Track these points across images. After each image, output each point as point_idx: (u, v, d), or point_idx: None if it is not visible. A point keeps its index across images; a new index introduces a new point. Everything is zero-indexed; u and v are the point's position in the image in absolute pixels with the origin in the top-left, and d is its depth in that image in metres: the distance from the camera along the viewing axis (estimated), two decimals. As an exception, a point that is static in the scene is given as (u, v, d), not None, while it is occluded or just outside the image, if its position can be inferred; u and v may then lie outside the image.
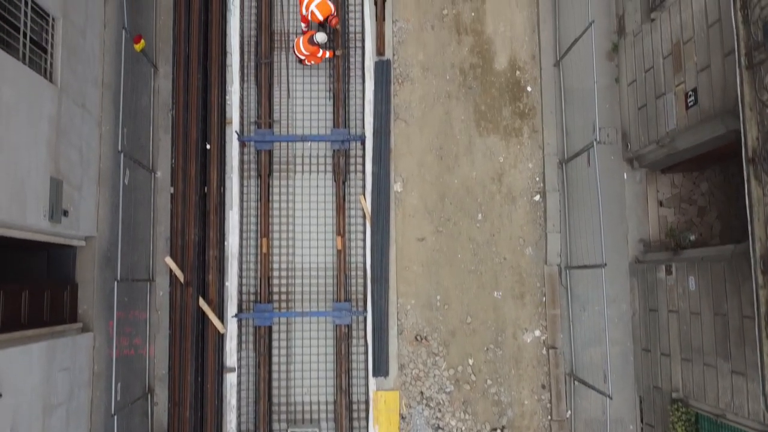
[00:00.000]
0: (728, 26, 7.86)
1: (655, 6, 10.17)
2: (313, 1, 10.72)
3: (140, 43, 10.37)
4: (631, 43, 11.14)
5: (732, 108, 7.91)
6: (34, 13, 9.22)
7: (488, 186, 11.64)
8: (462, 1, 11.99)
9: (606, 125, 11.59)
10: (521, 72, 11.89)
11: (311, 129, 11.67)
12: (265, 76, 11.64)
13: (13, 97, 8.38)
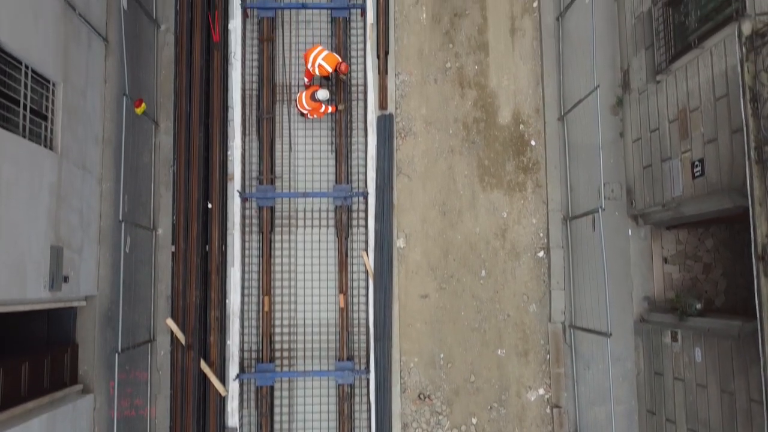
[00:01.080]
0: (736, 103, 7.78)
1: (661, 69, 10.07)
2: (320, 56, 10.63)
3: (141, 106, 10.30)
4: (636, 99, 11.05)
5: (740, 186, 7.81)
6: (34, 82, 9.15)
7: (492, 242, 11.55)
8: (465, 54, 11.89)
9: (611, 180, 11.50)
10: (525, 126, 11.81)
11: (313, 185, 11.59)
12: (266, 130, 11.56)
13: (14, 174, 8.32)
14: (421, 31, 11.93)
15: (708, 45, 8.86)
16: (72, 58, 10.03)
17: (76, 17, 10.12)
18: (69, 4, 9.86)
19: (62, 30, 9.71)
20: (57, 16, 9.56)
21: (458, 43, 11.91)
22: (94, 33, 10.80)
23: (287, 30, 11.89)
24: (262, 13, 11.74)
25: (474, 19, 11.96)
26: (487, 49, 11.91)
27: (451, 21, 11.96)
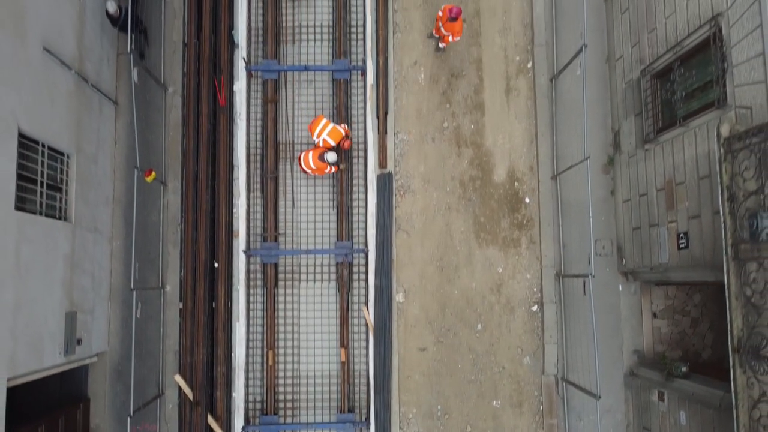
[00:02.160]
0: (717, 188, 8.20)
1: (649, 139, 10.51)
2: (325, 130, 11.07)
3: (151, 175, 10.73)
4: (626, 162, 11.48)
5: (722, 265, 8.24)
6: (49, 158, 9.59)
7: (487, 296, 11.99)
8: (462, 114, 12.33)
9: (602, 237, 11.95)
10: (519, 183, 12.24)
11: (315, 242, 12.01)
12: (270, 189, 11.98)
13: (31, 253, 8.75)
14: (420, 92, 12.37)
15: (692, 125, 9.30)
16: (84, 128, 10.48)
17: (88, 88, 10.58)
18: (81, 77, 10.30)
19: (75, 103, 10.16)
20: (70, 92, 10.00)
21: (455, 103, 12.35)
22: (104, 98, 11.26)
23: (290, 90, 12.31)
24: (266, 75, 12.16)
25: (470, 80, 12.39)
26: (483, 108, 12.35)
27: (449, 81, 12.39)
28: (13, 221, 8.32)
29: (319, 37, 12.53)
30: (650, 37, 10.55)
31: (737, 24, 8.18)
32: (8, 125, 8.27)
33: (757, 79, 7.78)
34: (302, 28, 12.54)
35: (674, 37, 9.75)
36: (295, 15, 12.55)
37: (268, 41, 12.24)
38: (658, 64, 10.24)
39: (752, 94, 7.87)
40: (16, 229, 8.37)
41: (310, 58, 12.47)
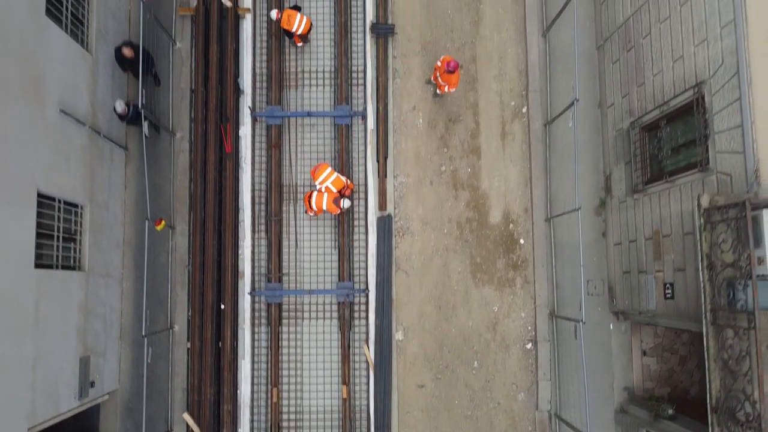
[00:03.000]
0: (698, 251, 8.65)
1: (638, 189, 10.96)
2: (328, 179, 11.52)
3: (161, 224, 11.19)
4: (616, 206, 11.94)
5: (704, 319, 8.70)
6: (65, 212, 10.04)
7: (483, 334, 12.45)
8: (459, 158, 12.79)
9: (594, 278, 12.41)
10: (514, 225, 12.70)
11: (318, 282, 12.48)
12: (275, 231, 12.45)
13: (48, 307, 9.21)
14: (418, 136, 12.83)
15: (678, 182, 9.75)
16: (97, 178, 10.94)
17: (100, 139, 11.03)
18: (95, 130, 10.76)
19: (89, 156, 10.62)
20: (84, 146, 10.46)
21: (452, 147, 12.81)
22: (115, 146, 11.71)
23: (293, 135, 12.77)
24: (270, 120, 12.63)
25: (467, 125, 12.86)
26: (479, 152, 12.81)
27: (446, 126, 12.85)
28: (33, 280, 8.78)
29: (321, 82, 12.99)
30: (639, 91, 11.00)
31: (719, 93, 8.64)
32: (28, 191, 8.73)
33: (736, 149, 8.24)
34: (305, 74, 13.02)
35: (661, 95, 10.21)
36: (298, 61, 13.02)
37: (272, 87, 12.70)
38: (646, 118, 10.70)
39: (732, 163, 8.33)
40: (35, 286, 8.83)
41: (313, 102, 12.94)
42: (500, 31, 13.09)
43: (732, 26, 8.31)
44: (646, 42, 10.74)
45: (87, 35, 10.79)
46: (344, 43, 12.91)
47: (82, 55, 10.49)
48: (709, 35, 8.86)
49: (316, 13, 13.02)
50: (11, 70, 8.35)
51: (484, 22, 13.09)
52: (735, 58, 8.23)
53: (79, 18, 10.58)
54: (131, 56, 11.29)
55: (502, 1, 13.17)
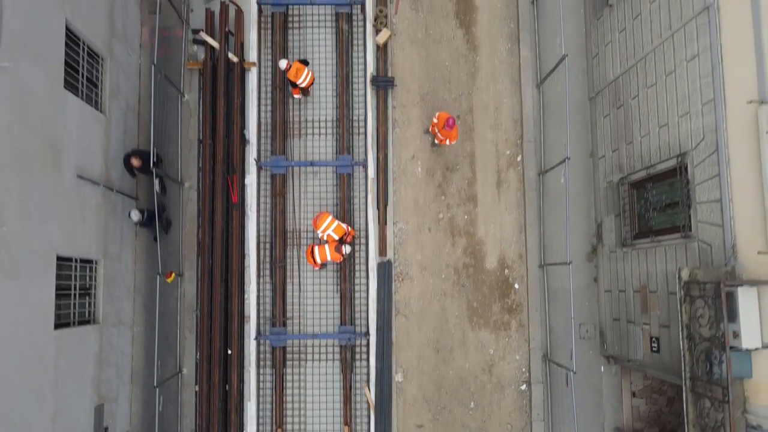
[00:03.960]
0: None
1: (626, 243, 11.49)
2: (329, 228, 12.04)
3: (171, 276, 11.70)
4: (607, 255, 12.46)
5: (686, 377, 9.21)
6: (81, 269, 10.56)
7: (480, 376, 12.97)
8: (456, 205, 13.31)
9: (585, 321, 12.93)
10: (509, 270, 13.22)
11: (321, 326, 12.99)
12: (279, 277, 12.96)
13: (67, 364, 9.72)
14: (417, 184, 13.35)
15: (663, 242, 10.27)
16: (110, 232, 11.45)
17: (113, 194, 11.54)
18: (108, 187, 11.27)
19: (102, 213, 11.13)
20: (98, 204, 10.98)
21: (450, 195, 13.33)
22: (127, 198, 12.22)
23: (297, 183, 13.28)
24: (275, 170, 13.14)
25: (464, 173, 13.37)
26: (475, 200, 13.33)
27: (444, 175, 13.37)
28: (52, 341, 9.29)
29: (323, 131, 13.51)
30: (628, 149, 11.52)
31: (700, 166, 9.16)
32: (48, 257, 9.24)
33: (715, 222, 8.76)
34: (308, 123, 13.53)
35: (648, 157, 10.73)
36: (301, 111, 13.54)
37: (277, 137, 13.22)
38: (634, 177, 11.21)
39: (712, 234, 8.85)
40: (55, 347, 9.34)
41: (316, 151, 13.45)
42: (496, 82, 13.61)
43: (712, 105, 8.82)
44: (634, 103, 11.26)
45: (101, 96, 11.32)
46: (346, 94, 13.42)
47: (97, 117, 11.00)
48: (691, 109, 9.38)
49: (319, 64, 13.53)
50: (32, 145, 8.86)
51: (481, 73, 13.61)
52: (715, 137, 8.74)
53: (93, 81, 11.10)
54: (139, 166, 11.68)
55: (498, 53, 13.69)
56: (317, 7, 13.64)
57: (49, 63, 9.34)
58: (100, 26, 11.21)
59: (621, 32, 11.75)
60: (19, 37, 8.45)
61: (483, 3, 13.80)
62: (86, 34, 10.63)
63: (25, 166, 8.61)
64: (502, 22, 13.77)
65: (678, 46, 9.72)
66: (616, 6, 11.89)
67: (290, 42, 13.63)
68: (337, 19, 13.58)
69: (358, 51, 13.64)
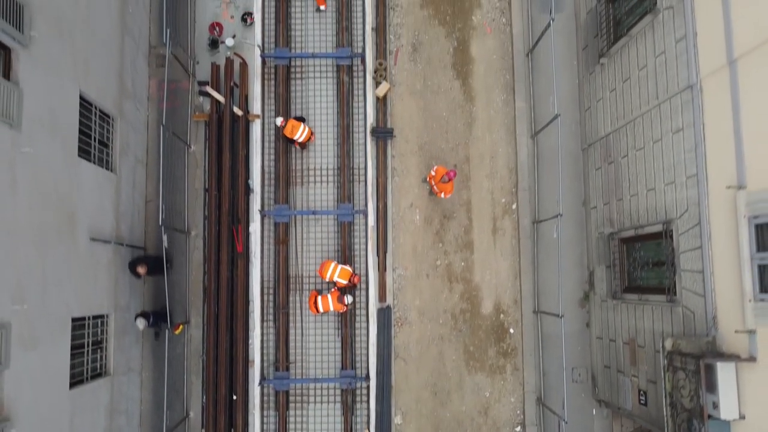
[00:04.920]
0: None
1: (617, 296, 11.95)
2: (335, 273, 12.53)
3: (179, 328, 12.18)
4: (599, 303, 12.92)
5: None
6: (93, 326, 11.01)
7: (476, 418, 13.44)
8: (453, 252, 13.78)
9: (578, 365, 13.40)
10: (505, 315, 13.69)
11: (323, 369, 13.46)
12: (282, 322, 13.43)
13: (81, 419, 10.17)
14: (415, 231, 13.82)
15: (651, 300, 10.73)
16: (119, 285, 11.90)
17: (123, 248, 12.00)
18: (118, 243, 11.73)
19: (113, 268, 11.59)
20: (110, 260, 11.43)
21: (447, 242, 13.79)
22: (135, 249, 12.68)
23: (300, 230, 13.75)
24: (278, 218, 13.60)
25: (461, 221, 13.84)
26: (472, 247, 13.80)
27: (441, 222, 13.84)
28: (68, 400, 9.75)
29: (325, 179, 13.98)
30: (618, 205, 11.99)
31: (684, 235, 9.63)
32: (64, 321, 9.71)
33: (698, 292, 9.23)
34: (310, 171, 14.00)
35: (636, 217, 11.20)
36: (303, 159, 14.00)
37: (280, 186, 13.68)
38: (623, 234, 11.67)
39: (695, 302, 9.32)
40: (70, 406, 9.80)
41: (318, 198, 13.92)
42: (492, 132, 14.08)
43: (695, 180, 9.29)
44: (624, 162, 11.73)
45: (112, 156, 11.77)
46: (346, 144, 13.89)
47: (108, 177, 11.47)
48: (676, 179, 9.84)
49: (320, 114, 14.00)
50: (50, 218, 9.32)
51: (477, 123, 14.08)
52: (698, 210, 9.21)
53: (104, 142, 11.56)
54: (144, 273, 11.97)
55: (494, 104, 14.16)
56: (319, 60, 14.10)
57: (65, 135, 9.80)
58: (111, 88, 11.67)
59: (612, 91, 12.21)
60: (37, 118, 8.91)
61: (479, 55, 14.26)
62: (98, 99, 11.09)
63: (43, 240, 9.07)
64: (497, 74, 14.23)
65: (664, 116, 10.19)
66: (607, 66, 12.35)
67: (293, 93, 14.09)
68: (338, 71, 14.05)
69: (359, 101, 14.11)
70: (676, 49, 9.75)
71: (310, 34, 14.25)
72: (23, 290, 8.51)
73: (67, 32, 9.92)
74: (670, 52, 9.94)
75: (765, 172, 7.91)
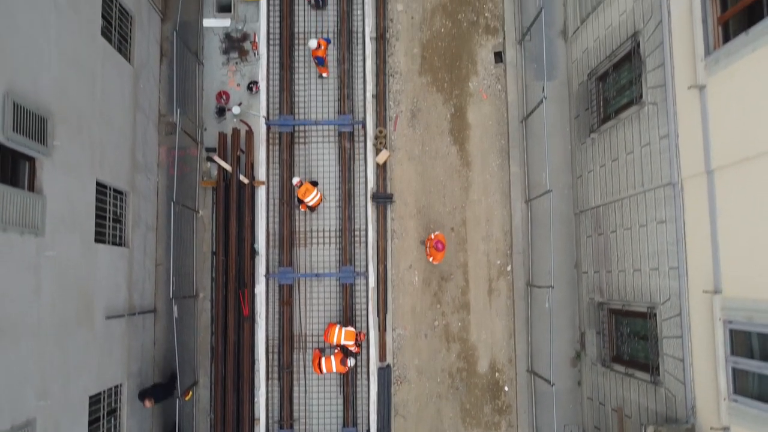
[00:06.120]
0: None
1: (605, 364, 12.53)
2: (341, 336, 13.13)
3: (189, 395, 12.77)
4: (589, 365, 13.50)
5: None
6: (107, 398, 11.59)
7: (472, 473, 14.04)
8: (450, 313, 14.37)
9: (570, 422, 13.99)
10: (500, 374, 14.28)
11: (325, 427, 14.06)
12: (286, 381, 14.02)
13: (98, 492, 10.76)
14: (414, 293, 14.40)
15: (636, 375, 11.31)
16: (132, 352, 12.48)
17: (135, 317, 12.58)
18: (131, 313, 12.32)
19: (126, 338, 12.16)
20: (123, 332, 12.01)
21: (445, 303, 14.38)
22: (147, 314, 13.27)
23: (303, 292, 14.34)
24: (282, 280, 14.19)
25: (458, 282, 14.43)
26: (468, 308, 14.38)
27: (439, 284, 14.42)
28: (86, 476, 10.35)
29: (327, 240, 14.57)
30: (607, 276, 12.56)
31: (667, 322, 10.21)
32: (82, 401, 10.29)
33: (679, 378, 9.81)
34: (313, 233, 14.59)
35: (624, 292, 11.77)
36: (307, 222, 14.59)
37: (284, 249, 14.27)
38: (613, 306, 12.25)
39: (676, 387, 9.90)
40: (88, 481, 10.40)
41: (320, 260, 14.51)
42: (488, 195, 14.66)
43: (677, 272, 9.87)
44: (613, 237, 12.30)
45: (124, 231, 12.36)
46: (348, 208, 14.48)
47: (122, 254, 12.05)
48: (660, 267, 10.42)
49: (323, 177, 14.58)
50: (70, 309, 9.90)
51: (473, 187, 14.66)
52: (678, 302, 9.79)
53: (117, 219, 12.14)
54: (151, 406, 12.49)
55: (490, 168, 14.74)
56: (321, 126, 14.69)
57: (83, 226, 10.38)
58: (124, 165, 12.25)
59: (601, 167, 12.79)
60: (59, 218, 9.50)
61: (476, 121, 14.84)
62: (112, 181, 11.67)
63: (63, 332, 9.66)
64: (493, 139, 14.81)
65: (649, 204, 10.77)
66: (597, 141, 12.93)
67: (296, 157, 14.67)
68: (340, 137, 14.63)
69: (360, 165, 14.69)
70: (660, 144, 10.33)
71: (312, 101, 14.84)
72: (46, 385, 9.09)
73: (86, 128, 10.51)
74: (655, 146, 10.52)
75: (739, 281, 8.48)
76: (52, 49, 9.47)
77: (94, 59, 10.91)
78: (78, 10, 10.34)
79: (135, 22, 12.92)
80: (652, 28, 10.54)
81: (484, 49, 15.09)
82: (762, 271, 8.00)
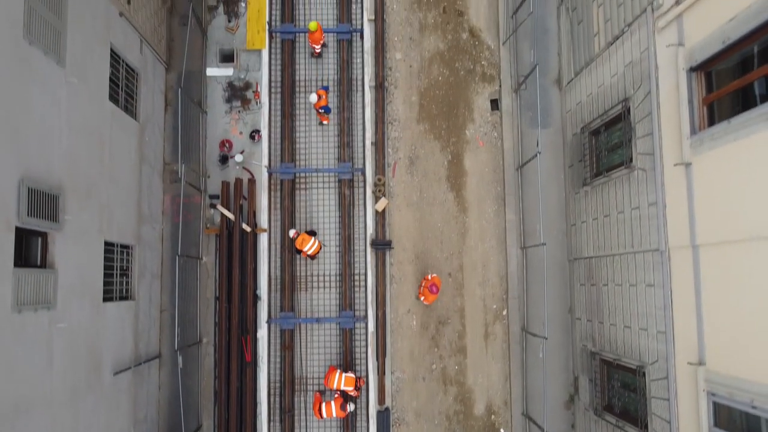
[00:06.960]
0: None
1: (598, 413, 12.90)
2: (341, 381, 13.51)
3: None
4: (582, 409, 13.88)
5: None
6: None
7: None
8: (448, 356, 14.75)
9: (564, 465, 14.39)
10: (496, 416, 14.67)
11: (326, 469, 14.47)
12: (287, 423, 14.40)
13: None
14: (412, 336, 14.79)
15: (626, 428, 11.69)
16: (138, 398, 12.86)
17: (141, 367, 12.96)
18: (137, 363, 12.69)
19: (133, 389, 12.54)
20: (129, 383, 12.39)
21: (442, 347, 14.76)
22: (152, 361, 13.65)
23: (304, 336, 14.72)
24: (284, 325, 14.58)
25: (455, 326, 14.81)
26: (465, 351, 14.77)
27: (437, 328, 14.81)
28: None
29: (328, 284, 14.95)
30: (599, 327, 12.94)
31: (655, 383, 10.58)
32: (92, 460, 10.68)
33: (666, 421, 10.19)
34: (314, 277, 14.97)
35: (615, 346, 12.15)
36: (308, 267, 14.97)
37: (286, 294, 14.65)
38: (605, 357, 12.63)
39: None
40: None
41: (321, 304, 14.89)
42: (484, 241, 15.04)
43: (664, 337, 10.24)
44: (605, 290, 12.67)
45: (131, 284, 12.73)
46: (348, 254, 14.85)
47: (128, 307, 12.43)
48: (649, 329, 10.80)
49: (323, 223, 14.96)
50: (80, 373, 10.28)
51: (470, 234, 15.04)
52: (666, 366, 10.16)
53: (124, 273, 12.51)
54: None
55: (486, 215, 15.12)
56: (322, 173, 15.06)
57: (92, 289, 10.76)
58: (131, 222, 12.62)
59: (594, 219, 13.16)
60: (69, 287, 9.86)
61: (472, 168, 15.22)
62: (119, 239, 12.05)
63: (75, 396, 10.04)
64: (489, 186, 15.19)
65: (639, 266, 11.14)
66: (590, 194, 13.30)
67: (297, 204, 15.05)
68: (340, 185, 15.00)
69: (359, 212, 15.07)
70: (649, 210, 10.70)
71: (313, 149, 15.21)
72: (59, 451, 9.49)
73: (95, 193, 10.88)
74: (644, 210, 10.89)
75: (721, 356, 8.85)
76: (63, 124, 9.84)
77: (103, 124, 11.28)
78: (86, 79, 10.71)
79: (140, 78, 13.28)
80: (642, 96, 10.91)
81: (480, 96, 15.47)
82: (741, 349, 8.37)
